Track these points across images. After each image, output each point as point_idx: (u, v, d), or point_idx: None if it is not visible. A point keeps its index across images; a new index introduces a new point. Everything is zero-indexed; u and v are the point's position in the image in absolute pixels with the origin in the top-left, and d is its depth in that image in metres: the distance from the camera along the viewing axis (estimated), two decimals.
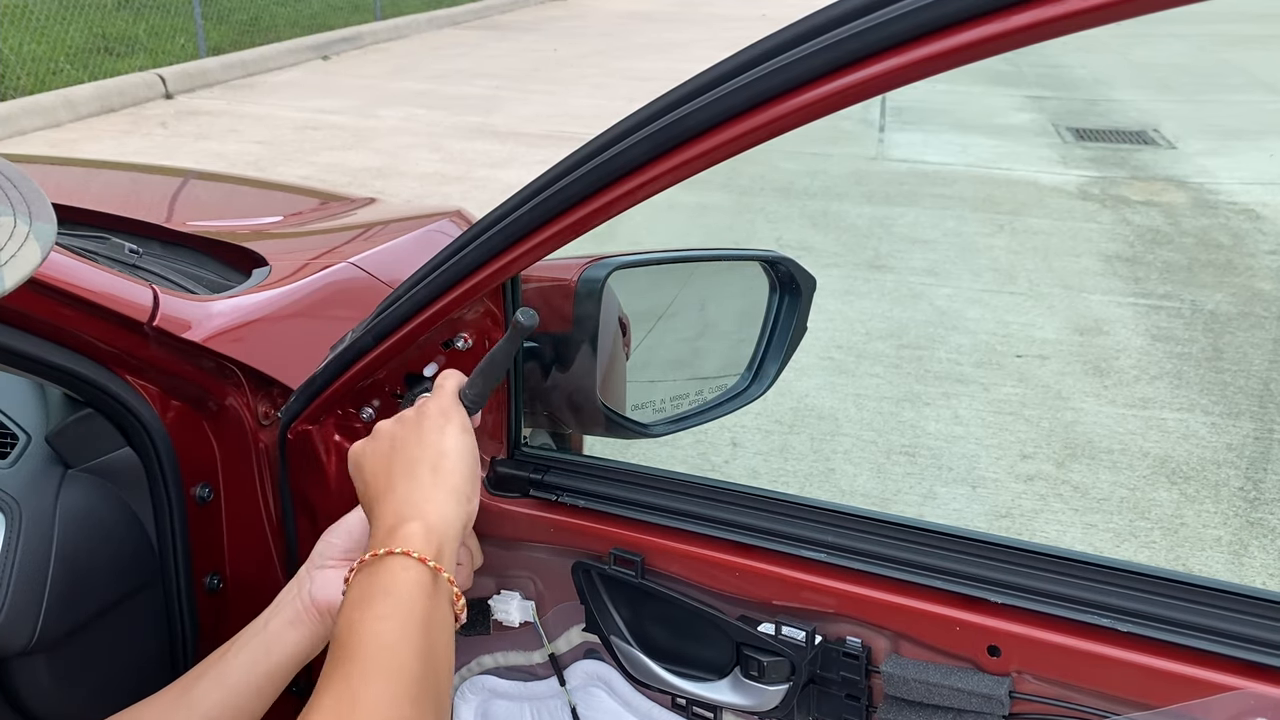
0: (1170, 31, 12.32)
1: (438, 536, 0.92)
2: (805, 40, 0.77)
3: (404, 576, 0.88)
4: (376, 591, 0.88)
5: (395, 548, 0.89)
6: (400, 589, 0.88)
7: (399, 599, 0.87)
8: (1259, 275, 5.30)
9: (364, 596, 0.88)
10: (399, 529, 0.91)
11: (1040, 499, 3.35)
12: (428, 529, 0.92)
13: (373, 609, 0.86)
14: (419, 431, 0.98)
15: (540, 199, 0.93)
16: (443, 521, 0.93)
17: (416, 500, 0.94)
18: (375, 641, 0.84)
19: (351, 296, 1.39)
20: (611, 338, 1.34)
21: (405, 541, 0.90)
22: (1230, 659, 0.84)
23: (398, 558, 0.89)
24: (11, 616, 1.08)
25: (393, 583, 0.88)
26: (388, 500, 0.95)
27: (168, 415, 1.21)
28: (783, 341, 1.47)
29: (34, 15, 9.28)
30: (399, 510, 0.93)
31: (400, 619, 0.86)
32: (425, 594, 0.88)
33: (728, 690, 1.05)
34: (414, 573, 0.89)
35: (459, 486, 0.96)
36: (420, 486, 0.95)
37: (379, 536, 0.93)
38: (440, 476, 0.96)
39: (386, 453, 0.99)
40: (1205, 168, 7.22)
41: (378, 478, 0.98)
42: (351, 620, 0.87)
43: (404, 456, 0.97)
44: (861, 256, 5.51)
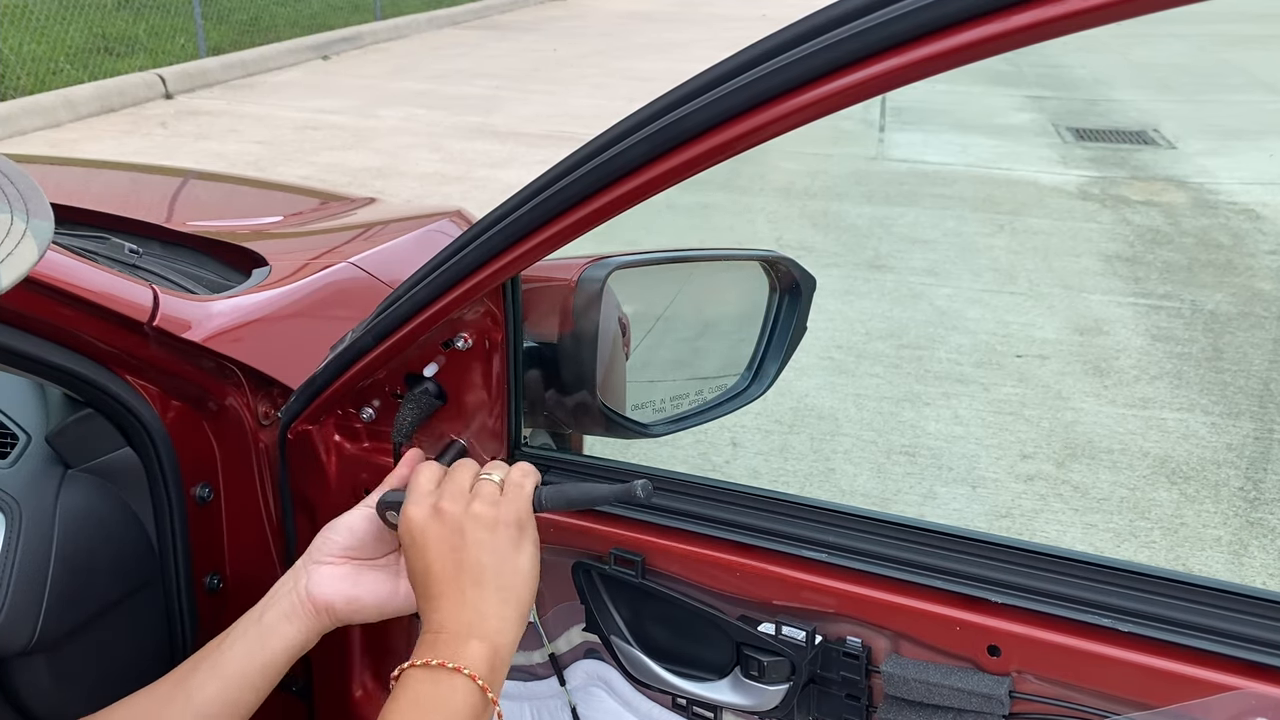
0: (1170, 31, 12.32)
1: (499, 663, 0.92)
2: (805, 40, 0.77)
3: (462, 700, 0.88)
4: (434, 707, 0.87)
5: (462, 666, 0.89)
6: (457, 712, 0.87)
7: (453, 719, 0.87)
8: (1259, 275, 5.30)
9: (420, 704, 0.87)
10: (465, 644, 0.90)
11: (1040, 499, 3.35)
12: (493, 653, 0.91)
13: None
14: (494, 537, 0.96)
15: (540, 199, 0.93)
16: (506, 647, 0.93)
17: (485, 615, 0.92)
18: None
19: (351, 296, 1.39)
20: (611, 338, 1.34)
21: (473, 664, 0.89)
22: (1230, 659, 0.84)
23: (461, 678, 0.88)
24: (11, 616, 1.08)
25: (450, 703, 0.88)
26: (454, 604, 0.93)
27: (168, 415, 1.21)
28: (783, 341, 1.47)
29: (34, 15, 9.28)
30: (467, 622, 0.92)
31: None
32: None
33: (728, 690, 1.05)
34: (474, 699, 0.88)
35: (525, 612, 0.96)
36: (489, 603, 0.93)
37: (443, 642, 0.91)
38: (511, 595, 0.94)
39: (456, 545, 0.95)
40: (1205, 168, 7.22)
41: (445, 571, 0.95)
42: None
43: (475, 560, 0.94)
44: (861, 256, 5.51)
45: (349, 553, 1.06)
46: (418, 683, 0.89)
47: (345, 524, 1.07)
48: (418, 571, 0.97)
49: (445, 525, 0.96)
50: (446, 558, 0.95)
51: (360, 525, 1.07)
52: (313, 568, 1.06)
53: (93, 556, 1.16)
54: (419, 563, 0.96)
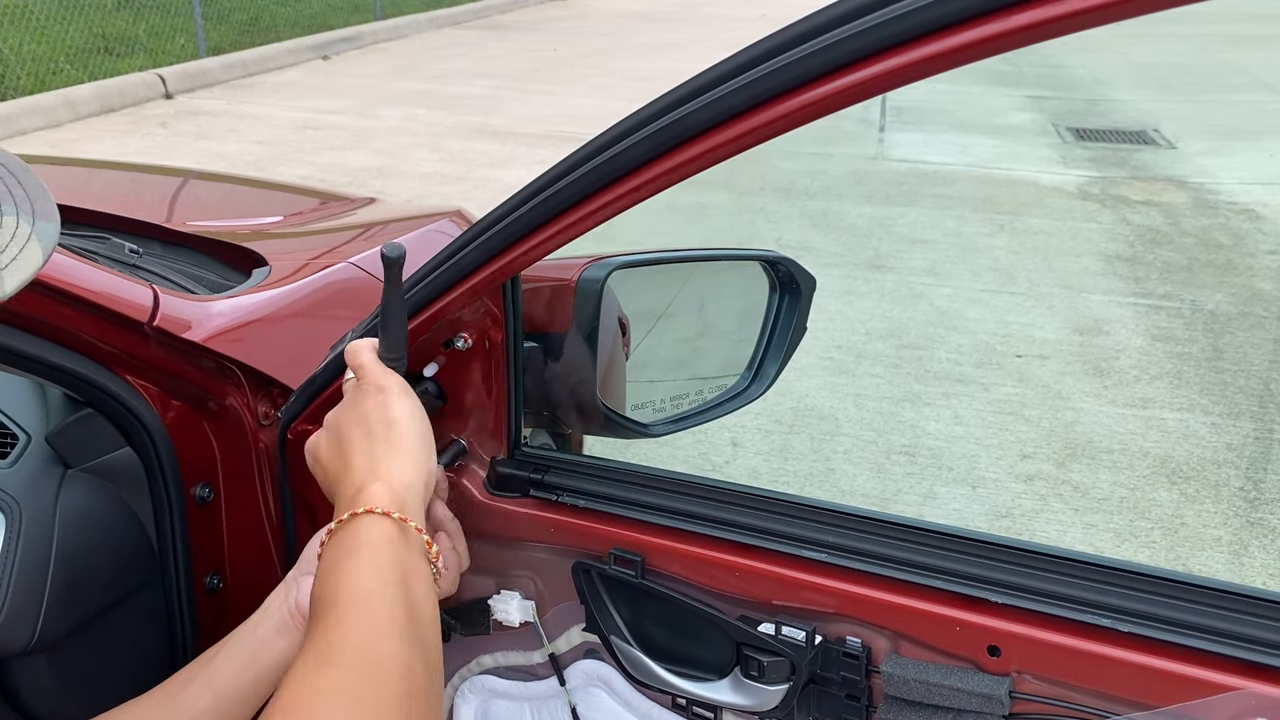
0: (1170, 31, 12.32)
1: (399, 494, 0.91)
2: (805, 40, 0.77)
3: (372, 532, 0.88)
4: (345, 552, 0.87)
5: (358, 508, 0.89)
6: (370, 544, 0.87)
7: (370, 552, 0.86)
8: (1259, 275, 5.30)
9: (335, 559, 0.87)
10: (360, 494, 0.91)
11: (1040, 499, 3.35)
12: (389, 488, 0.91)
13: (346, 566, 0.86)
14: (360, 409, 0.98)
15: (540, 199, 0.93)
16: (402, 480, 0.93)
17: (372, 468, 0.94)
18: (351, 593, 0.83)
19: (351, 296, 1.39)
20: (611, 338, 1.34)
21: (367, 501, 0.90)
22: (1230, 659, 0.84)
23: (362, 517, 0.89)
24: (11, 616, 1.08)
25: (362, 539, 0.87)
26: (345, 476, 0.95)
27: (168, 415, 1.21)
28: (783, 341, 1.47)
29: (34, 15, 9.28)
30: (356, 480, 0.93)
31: (373, 569, 0.85)
32: (395, 546, 0.87)
33: (728, 690, 1.05)
34: (381, 527, 0.88)
35: (413, 449, 0.96)
36: (375, 457, 0.95)
37: (342, 504, 0.93)
38: (392, 444, 0.95)
39: (336, 438, 0.99)
40: (1205, 168, 7.22)
41: (334, 461, 0.98)
42: (325, 584, 0.86)
43: (352, 435, 0.97)
44: (861, 256, 5.51)
45: None
46: (331, 546, 0.89)
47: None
48: (323, 483, 0.99)
49: (327, 428, 1.01)
50: (333, 453, 0.98)
51: None
52: (303, 580, 1.05)
53: (93, 556, 1.16)
54: (319, 474, 1.00)
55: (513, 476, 1.13)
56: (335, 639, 0.79)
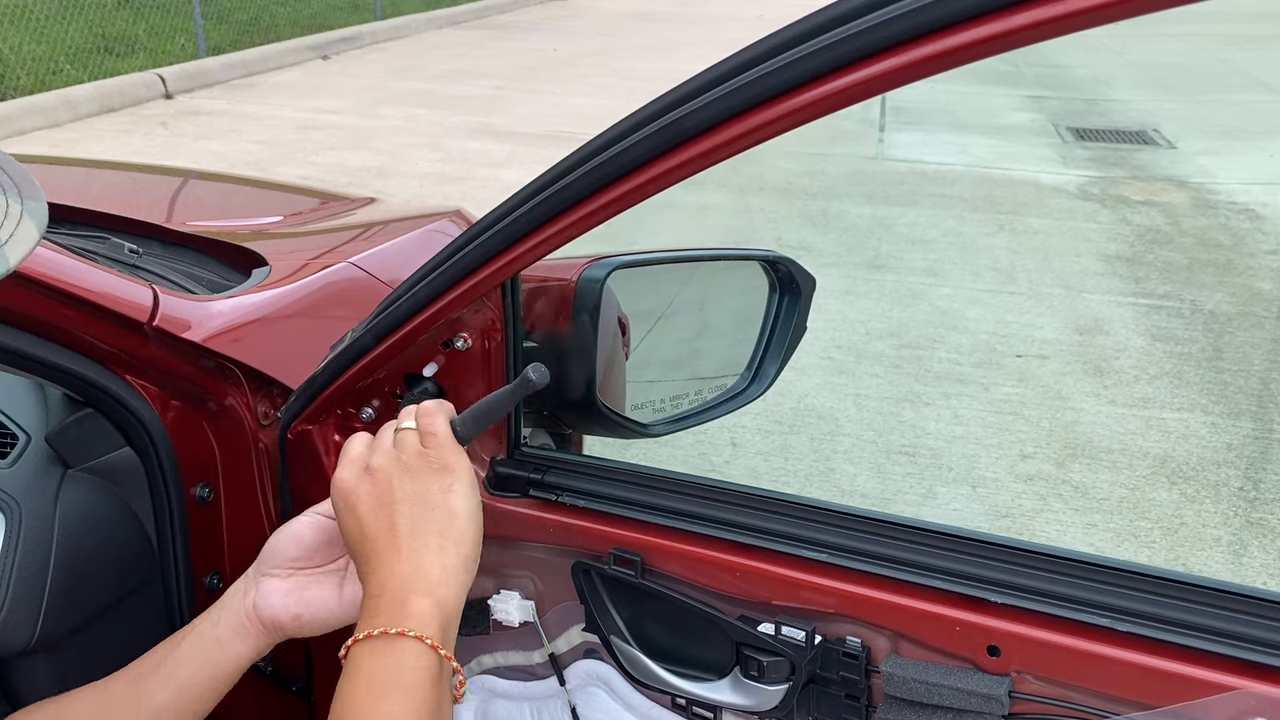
0: (1169, 31, 12.32)
1: (447, 616, 0.87)
2: (805, 40, 0.77)
3: (415, 665, 0.84)
4: (388, 681, 0.83)
5: (408, 629, 0.85)
6: (412, 679, 0.84)
7: (410, 691, 0.83)
8: (1259, 275, 5.30)
9: (373, 684, 0.83)
10: (408, 604, 0.86)
11: (1040, 499, 3.35)
12: (439, 607, 0.87)
13: (384, 702, 0.82)
14: (422, 483, 0.92)
15: (540, 199, 0.93)
16: (452, 599, 0.88)
17: (425, 569, 0.88)
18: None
19: (351, 296, 1.39)
20: (611, 338, 1.34)
21: (418, 624, 0.85)
22: (1230, 659, 0.84)
23: (410, 642, 0.84)
24: (11, 616, 1.08)
25: (404, 671, 0.84)
26: (391, 562, 0.89)
27: (168, 415, 1.21)
28: (782, 341, 1.48)
29: (34, 15, 9.27)
30: (406, 578, 0.87)
31: (412, 712, 0.82)
32: (435, 684, 0.85)
33: (727, 690, 1.05)
34: (426, 661, 0.85)
35: (469, 556, 0.91)
36: (429, 552, 0.89)
37: (385, 606, 0.87)
38: (449, 542, 0.90)
39: (386, 501, 0.91)
40: (1205, 168, 7.22)
41: (378, 529, 0.91)
42: (359, 709, 0.83)
43: (407, 513, 0.90)
44: (861, 256, 5.51)
45: (296, 564, 1.04)
46: (365, 658, 0.85)
47: (291, 534, 1.04)
48: (352, 535, 0.93)
49: (375, 482, 0.93)
50: (378, 515, 0.91)
51: (307, 534, 1.04)
52: (261, 580, 1.03)
53: (93, 556, 1.16)
54: (352, 525, 0.92)
55: (512, 476, 1.13)
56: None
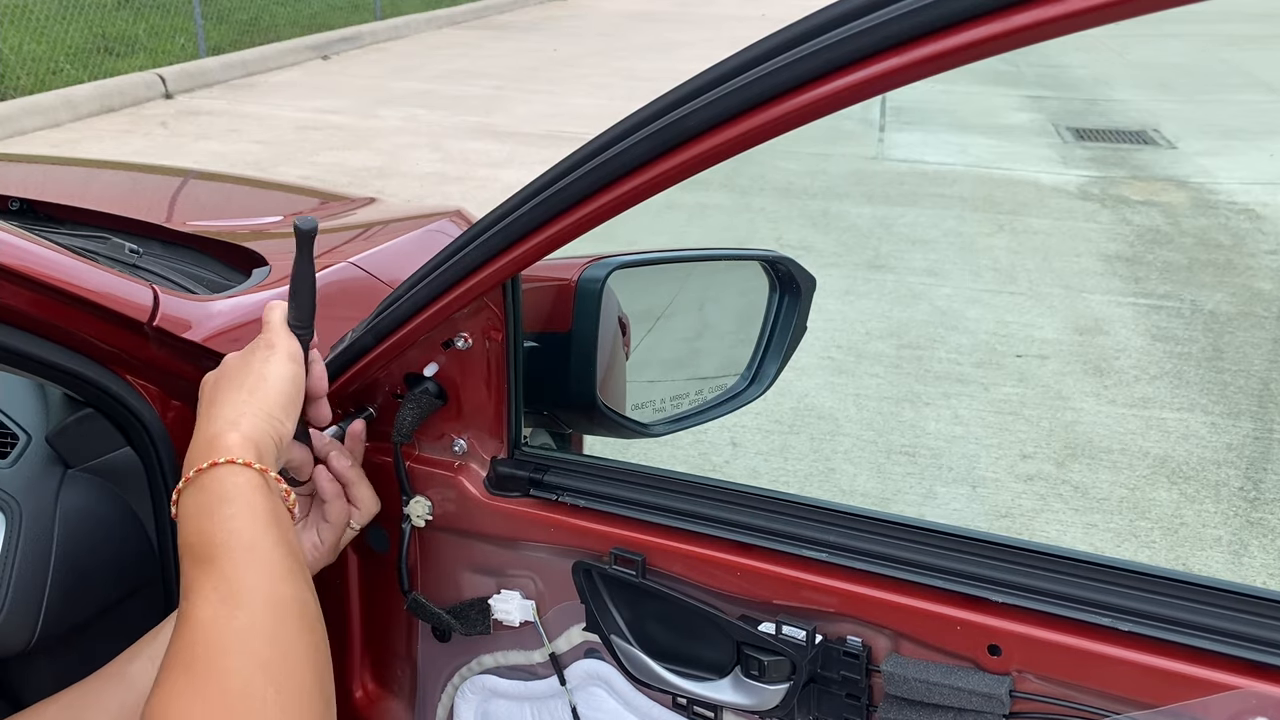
0: (1169, 31, 12.32)
1: (253, 443, 0.95)
2: (805, 40, 0.77)
3: (238, 480, 0.91)
4: (215, 499, 0.90)
5: (219, 458, 0.92)
6: (238, 492, 0.90)
7: (244, 500, 0.90)
8: (1259, 275, 5.30)
9: (205, 506, 0.90)
10: (216, 440, 0.94)
11: (1040, 499, 3.35)
12: (243, 437, 0.95)
13: (219, 513, 0.89)
14: (246, 359, 1.04)
15: (540, 199, 0.93)
16: (255, 431, 0.96)
17: (230, 415, 0.97)
18: (235, 539, 0.87)
19: (351, 296, 1.39)
20: (611, 338, 1.34)
21: (226, 450, 0.93)
22: (1230, 658, 0.84)
23: (224, 466, 0.92)
24: (11, 616, 1.08)
25: (229, 488, 0.90)
26: (207, 417, 0.99)
27: (168, 415, 1.21)
28: (782, 341, 1.48)
29: (34, 15, 9.28)
30: (214, 425, 0.97)
31: (249, 517, 0.89)
32: (262, 493, 0.91)
33: (728, 689, 1.05)
34: (245, 475, 0.92)
35: (271, 407, 1.00)
36: (235, 404, 0.99)
37: (198, 447, 0.95)
38: (255, 396, 0.99)
39: (216, 379, 1.04)
40: (1205, 168, 7.22)
41: (204, 399, 1.03)
42: (201, 528, 0.88)
43: (227, 380, 1.02)
44: (861, 256, 5.52)
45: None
46: (194, 492, 0.91)
47: None
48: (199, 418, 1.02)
49: (216, 371, 1.05)
50: (207, 391, 1.03)
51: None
52: None
53: (93, 556, 1.16)
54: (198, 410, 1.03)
55: (513, 476, 1.13)
56: (237, 582, 0.84)
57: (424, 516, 1.16)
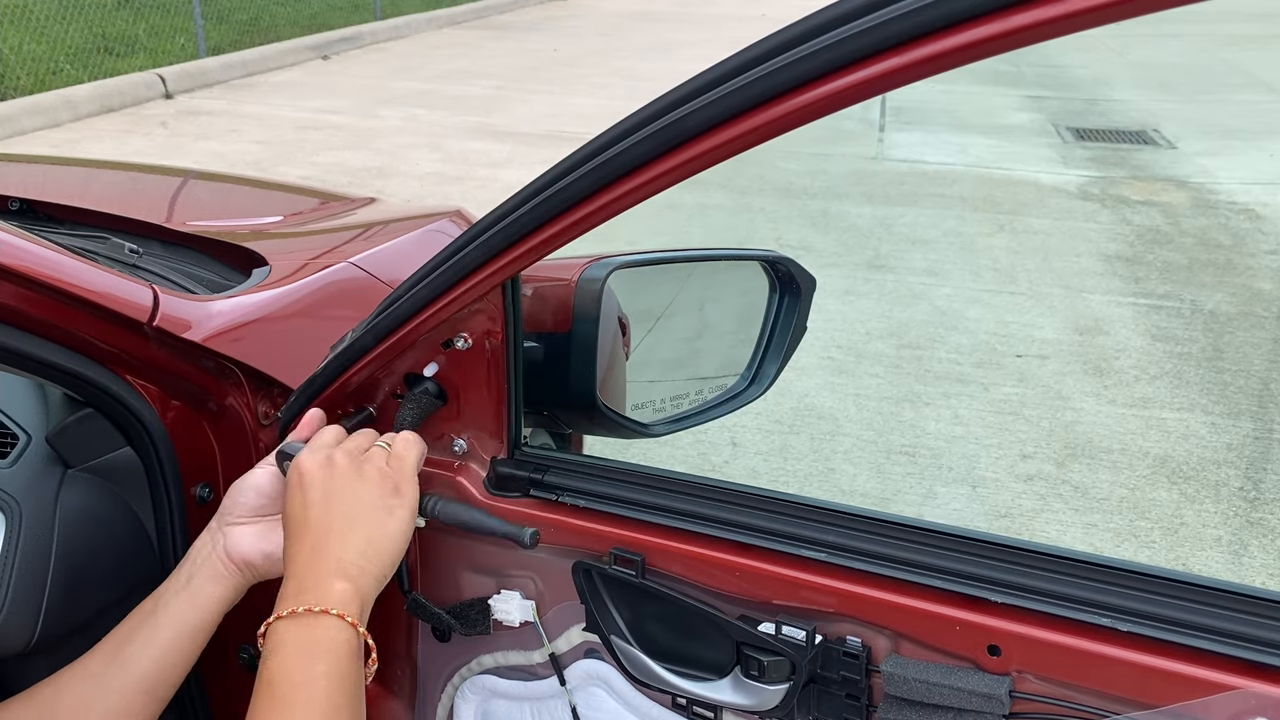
0: (1169, 31, 12.32)
1: (363, 601, 0.96)
2: (805, 40, 0.77)
3: (341, 638, 0.93)
4: (317, 648, 0.91)
5: (330, 607, 0.93)
6: (338, 650, 0.92)
7: (337, 660, 0.91)
8: (1259, 275, 5.30)
9: (304, 651, 0.91)
10: (332, 585, 0.95)
11: (1040, 499, 3.35)
12: (357, 593, 0.96)
13: (316, 666, 0.90)
14: (370, 495, 1.01)
15: (540, 199, 0.93)
16: (368, 589, 0.97)
17: (346, 559, 0.97)
18: (321, 699, 0.89)
19: (351, 296, 1.39)
20: (611, 338, 1.34)
21: (341, 604, 0.94)
22: (1230, 658, 0.84)
23: (333, 618, 0.93)
24: (11, 616, 1.08)
25: (331, 643, 0.92)
26: (320, 548, 0.97)
27: (168, 415, 1.21)
28: (782, 341, 1.48)
29: (34, 15, 9.28)
30: (329, 567, 0.96)
31: (339, 679, 0.91)
32: (353, 657, 0.93)
33: (728, 690, 1.05)
34: (348, 635, 0.93)
35: (385, 568, 1.00)
36: (353, 549, 0.98)
37: (306, 588, 0.95)
38: (372, 550, 0.99)
39: (333, 492, 1.01)
40: (1205, 168, 7.22)
41: (317, 513, 1.00)
42: (291, 672, 0.90)
43: (347, 511, 1.00)
44: (861, 256, 5.52)
45: (259, 511, 1.11)
46: (291, 631, 0.92)
47: (252, 484, 1.12)
48: (294, 512, 1.01)
49: (332, 475, 1.02)
50: (324, 503, 1.00)
51: (266, 483, 1.12)
52: (228, 529, 1.11)
53: (93, 556, 1.16)
54: (297, 504, 1.01)
55: (513, 476, 1.13)
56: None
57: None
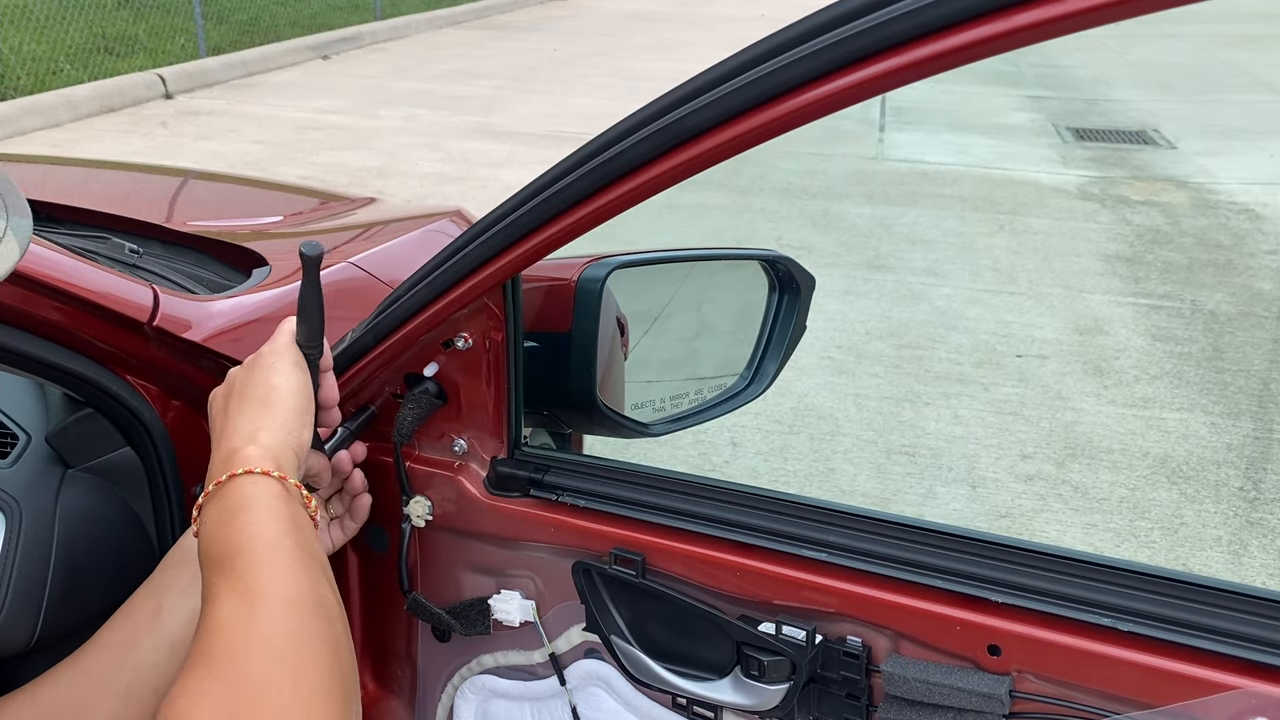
0: (1169, 31, 12.32)
1: (272, 454, 0.95)
2: (806, 40, 0.77)
3: (257, 488, 0.92)
4: (234, 507, 0.90)
5: (237, 469, 0.93)
6: (259, 498, 0.91)
7: (262, 505, 0.90)
8: (1259, 275, 5.30)
9: (224, 515, 0.90)
10: (234, 454, 0.95)
11: (1040, 499, 3.35)
12: (261, 449, 0.95)
13: (240, 519, 0.89)
14: (252, 370, 1.04)
15: (540, 199, 0.93)
16: (274, 443, 0.97)
17: (246, 429, 0.98)
18: (254, 542, 0.87)
19: (351, 296, 1.39)
20: (611, 337, 1.34)
21: (244, 462, 0.93)
22: (1230, 658, 0.84)
23: (243, 476, 0.92)
24: (11, 616, 1.08)
25: (249, 495, 0.91)
26: (224, 433, 0.99)
27: (168, 415, 1.21)
28: (782, 341, 1.48)
29: (34, 15, 9.27)
30: (232, 440, 0.97)
31: (269, 521, 0.89)
32: (282, 500, 0.92)
33: (728, 690, 1.05)
34: (264, 484, 0.92)
35: (287, 418, 1.00)
36: (251, 418, 0.99)
37: (217, 463, 0.96)
38: (269, 409, 1.00)
39: (226, 393, 1.04)
40: (1205, 168, 7.22)
41: (218, 417, 1.03)
42: (221, 535, 0.89)
43: (238, 394, 1.03)
44: (861, 256, 5.52)
45: None
46: (213, 505, 0.92)
47: None
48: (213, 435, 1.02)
49: (223, 385, 1.06)
50: (220, 408, 1.03)
51: None
52: None
53: (93, 556, 1.16)
54: (210, 426, 1.04)
55: (513, 476, 1.13)
56: (254, 580, 0.83)
57: (424, 516, 1.17)
